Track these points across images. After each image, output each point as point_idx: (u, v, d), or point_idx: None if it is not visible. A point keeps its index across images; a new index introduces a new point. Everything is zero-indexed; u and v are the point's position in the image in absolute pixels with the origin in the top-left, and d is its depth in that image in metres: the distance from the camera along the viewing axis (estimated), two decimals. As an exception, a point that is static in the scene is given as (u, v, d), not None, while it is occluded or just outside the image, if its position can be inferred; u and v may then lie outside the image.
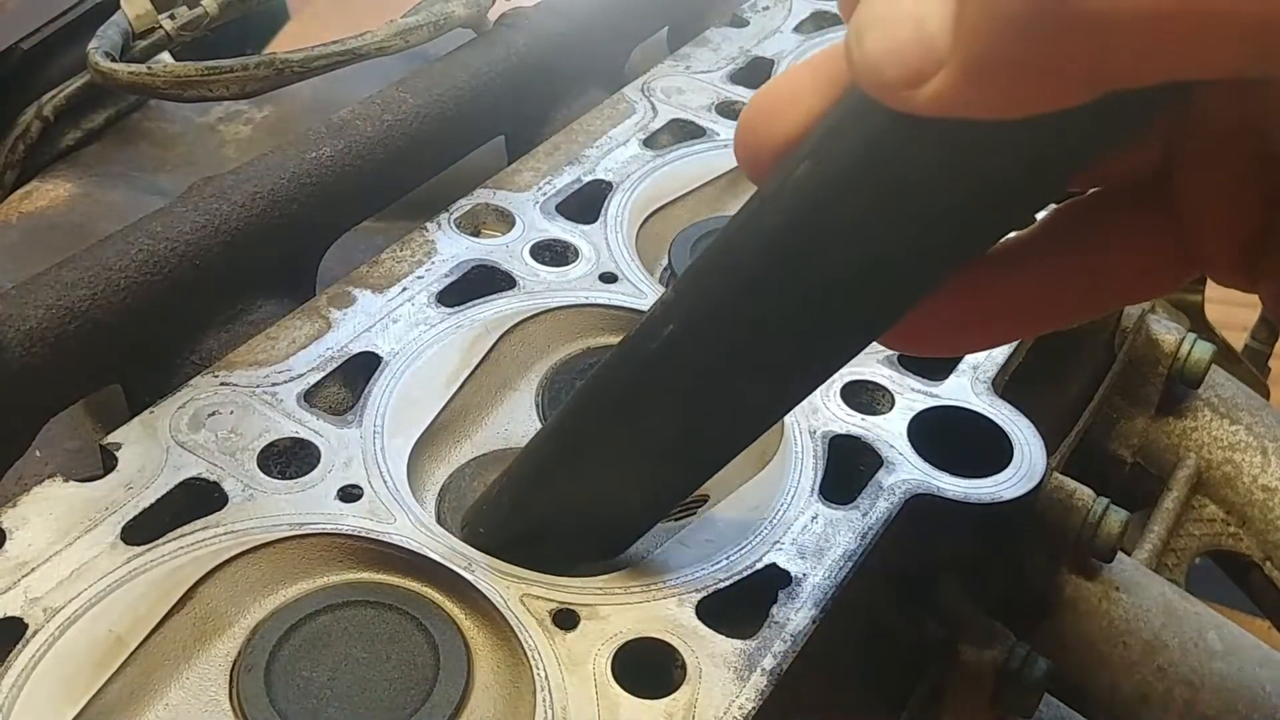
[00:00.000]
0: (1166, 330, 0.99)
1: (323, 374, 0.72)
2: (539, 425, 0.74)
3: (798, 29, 1.12)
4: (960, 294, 0.44)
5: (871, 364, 0.76)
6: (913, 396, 0.73)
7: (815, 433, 0.71)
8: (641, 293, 0.80)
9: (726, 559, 0.63)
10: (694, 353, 0.50)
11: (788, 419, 0.71)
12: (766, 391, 0.51)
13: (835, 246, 0.42)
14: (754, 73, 1.05)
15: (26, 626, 0.57)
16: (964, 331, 0.46)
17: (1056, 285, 0.45)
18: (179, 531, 0.62)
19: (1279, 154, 0.35)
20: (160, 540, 0.61)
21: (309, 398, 0.71)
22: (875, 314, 0.45)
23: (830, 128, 0.40)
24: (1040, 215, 0.45)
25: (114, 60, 0.90)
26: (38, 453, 0.75)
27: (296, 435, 0.68)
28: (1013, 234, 0.45)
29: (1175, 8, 0.27)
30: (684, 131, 0.97)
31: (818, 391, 0.73)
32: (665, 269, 0.87)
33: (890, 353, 0.77)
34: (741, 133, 0.44)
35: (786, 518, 0.66)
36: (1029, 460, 0.70)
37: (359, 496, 0.64)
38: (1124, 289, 0.45)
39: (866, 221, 0.41)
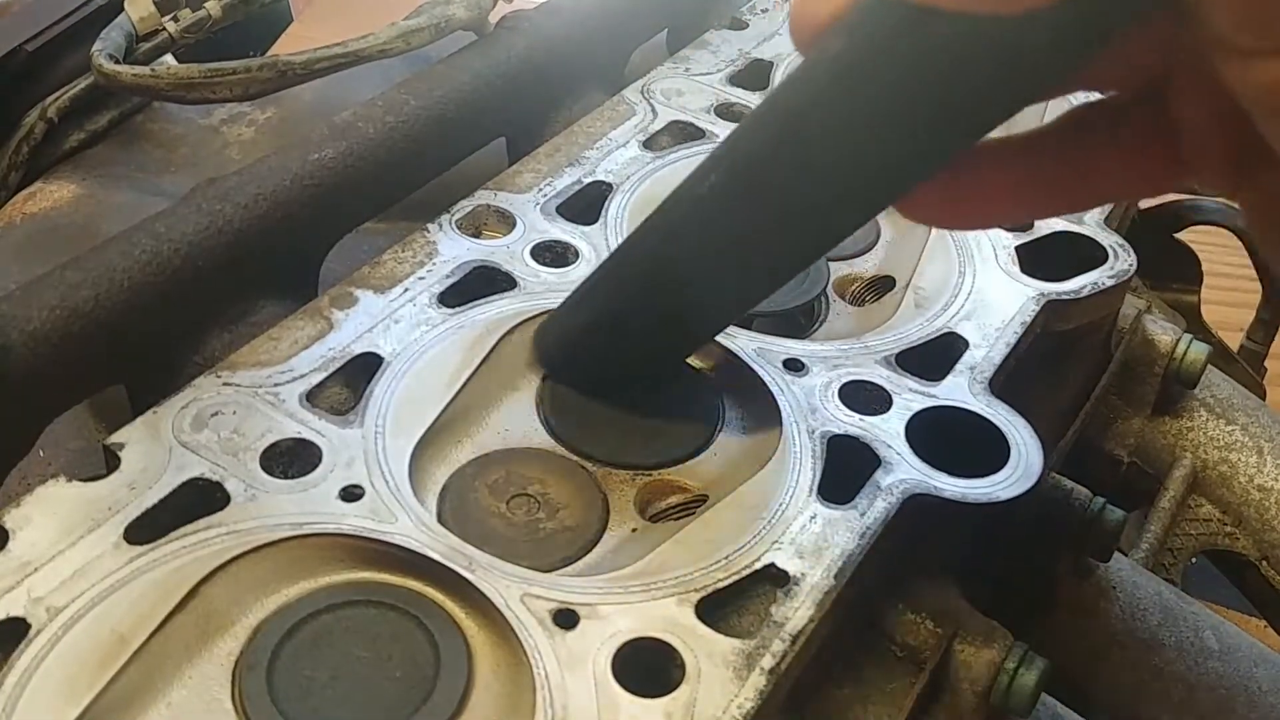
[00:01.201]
0: (1162, 331, 0.99)
1: (325, 374, 0.72)
2: (540, 425, 0.74)
3: (797, 31, 1.13)
4: (971, 171, 0.49)
5: (870, 365, 0.76)
6: (910, 397, 0.74)
7: (814, 433, 0.71)
8: (641, 294, 0.80)
9: (725, 559, 0.63)
10: (734, 200, 0.58)
11: (786, 420, 0.72)
12: (793, 241, 0.59)
13: (859, 117, 0.48)
14: (753, 75, 1.06)
15: (29, 626, 0.57)
16: (969, 206, 0.51)
17: (1057, 176, 0.50)
18: (182, 531, 0.62)
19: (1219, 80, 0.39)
20: (163, 540, 0.62)
21: (311, 398, 0.71)
22: (891, 179, 0.51)
23: (862, 8, 0.45)
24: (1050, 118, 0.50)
25: (118, 62, 0.90)
26: (41, 453, 0.75)
27: (299, 435, 0.68)
28: (1026, 129, 0.50)
29: None
30: (684, 133, 0.98)
31: (816, 392, 0.73)
32: (665, 270, 0.87)
33: (888, 353, 0.78)
34: (794, 8, 0.48)
35: (785, 517, 0.66)
36: (1026, 460, 0.70)
37: (360, 496, 0.65)
38: (1118, 187, 0.51)
39: (885, 97, 0.47)
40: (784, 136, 0.53)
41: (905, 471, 0.69)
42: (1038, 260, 0.86)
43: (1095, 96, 0.49)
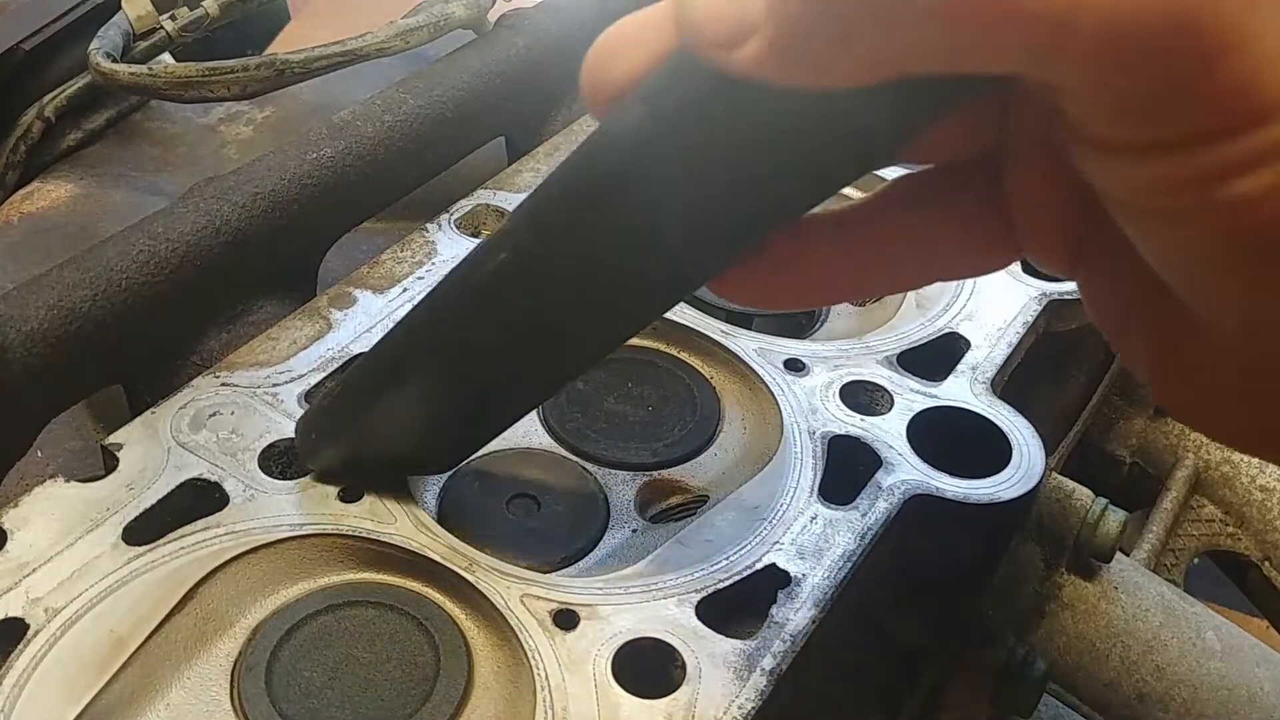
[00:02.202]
0: (1165, 331, 0.99)
1: (324, 374, 0.72)
2: (540, 425, 0.74)
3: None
4: (787, 252, 0.45)
5: (871, 364, 0.76)
6: (911, 397, 0.74)
7: (814, 433, 0.71)
8: (641, 293, 0.80)
9: (726, 559, 0.63)
10: (524, 281, 0.51)
11: (787, 420, 0.72)
12: (593, 326, 0.53)
13: (660, 190, 0.44)
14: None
15: (28, 627, 0.57)
16: (788, 288, 0.47)
17: (883, 254, 0.46)
18: (180, 532, 0.62)
19: (1069, 158, 0.36)
20: (161, 541, 0.61)
21: (310, 398, 0.71)
22: (698, 260, 0.47)
23: (663, 74, 0.42)
24: (881, 186, 0.47)
25: (115, 61, 0.90)
26: (39, 453, 0.75)
27: (297, 436, 0.68)
28: (849, 201, 0.46)
29: (964, 3, 0.29)
30: (684, 132, 0.97)
31: (817, 392, 0.73)
32: (665, 270, 0.87)
33: (890, 353, 0.77)
34: (587, 72, 0.45)
35: (786, 518, 0.66)
36: (1028, 461, 0.70)
37: (360, 497, 0.65)
38: (948, 265, 0.46)
39: (688, 170, 0.42)
40: (579, 215, 0.47)
41: (906, 472, 0.69)
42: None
43: (920, 167, 0.45)
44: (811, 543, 0.65)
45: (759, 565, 0.63)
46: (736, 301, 0.50)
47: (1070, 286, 0.84)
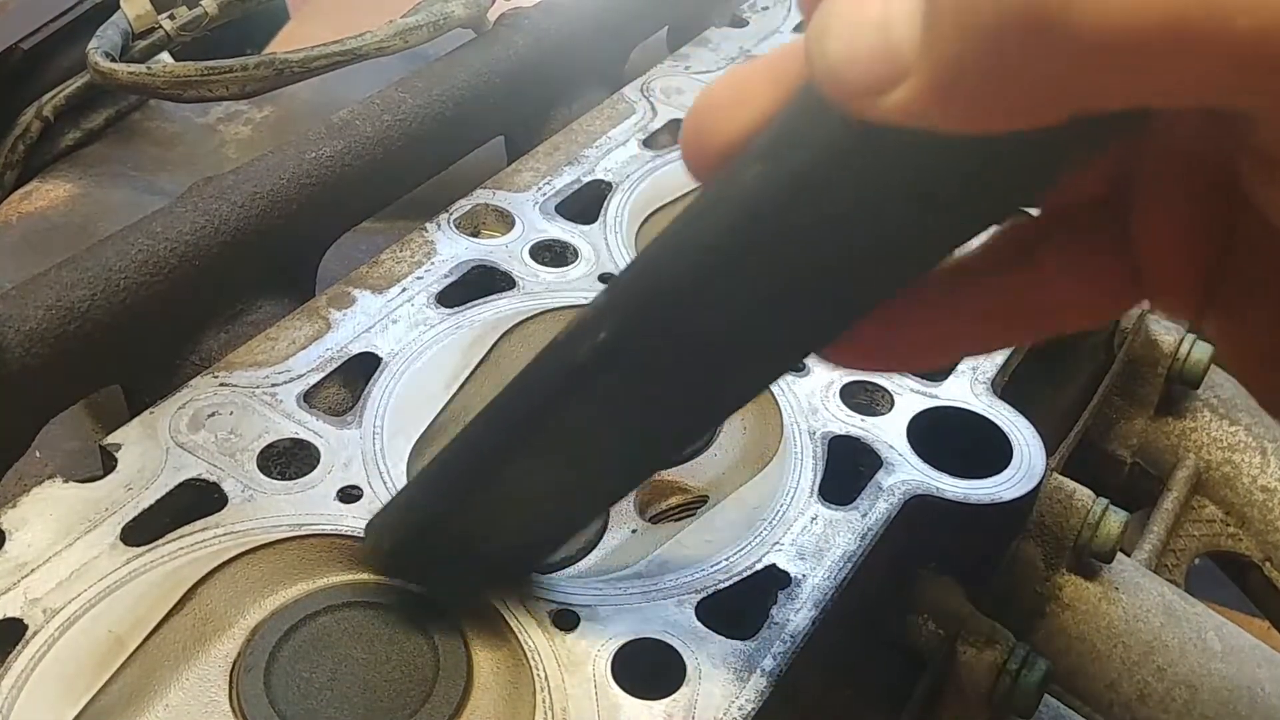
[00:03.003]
0: (1165, 331, 0.99)
1: (322, 375, 0.72)
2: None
3: (798, 29, 1.12)
4: (899, 312, 0.42)
5: (871, 365, 0.76)
6: (912, 397, 0.74)
7: (815, 434, 0.71)
8: (641, 293, 0.80)
9: (726, 560, 0.63)
10: (627, 359, 0.47)
11: (787, 420, 0.71)
12: (701, 400, 0.49)
13: (784, 255, 0.40)
14: (754, 73, 1.05)
15: (26, 627, 0.57)
16: (899, 350, 0.44)
17: (997, 309, 0.43)
18: (179, 532, 0.62)
19: (1245, 190, 0.33)
20: (160, 541, 0.61)
21: (309, 398, 0.71)
22: (819, 326, 0.43)
23: (783, 131, 0.39)
24: (991, 235, 0.43)
25: (114, 60, 0.90)
26: (38, 453, 0.75)
27: (296, 436, 0.68)
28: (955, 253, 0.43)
29: (1160, 29, 0.26)
30: (684, 132, 0.97)
31: (816, 393, 0.73)
32: (665, 269, 0.86)
33: (890, 353, 0.77)
34: (688, 131, 0.42)
35: (786, 519, 0.66)
36: (1028, 461, 0.70)
37: (359, 497, 0.65)
38: (1066, 315, 0.42)
39: (819, 230, 0.39)
40: (689, 286, 0.43)
41: (907, 472, 0.69)
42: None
43: (1033, 212, 0.42)
44: (811, 543, 0.64)
45: (759, 566, 0.63)
46: (849, 366, 0.48)
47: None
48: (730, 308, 0.43)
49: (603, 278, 0.81)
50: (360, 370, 0.73)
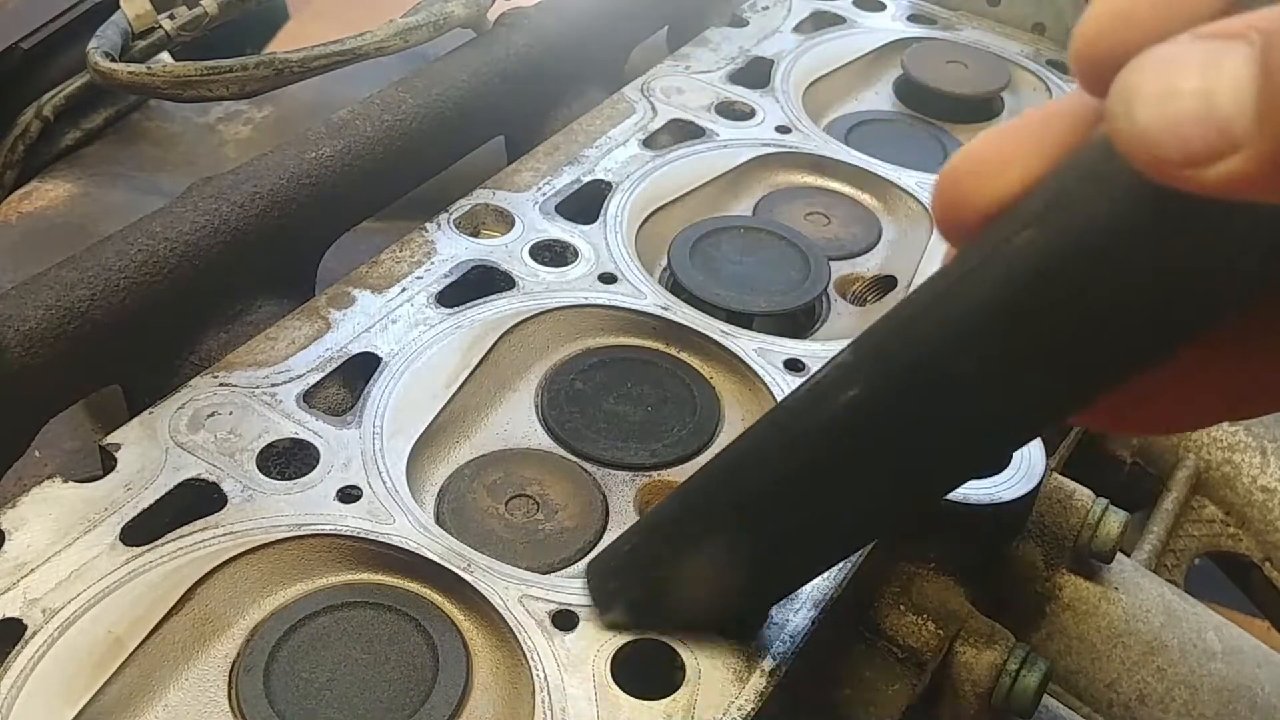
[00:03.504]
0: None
1: (322, 374, 0.72)
2: (539, 426, 0.74)
3: (797, 29, 1.12)
4: (1176, 372, 0.40)
5: (871, 365, 0.76)
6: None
7: (814, 433, 0.71)
8: (641, 293, 0.80)
9: (726, 560, 0.63)
10: (879, 417, 0.47)
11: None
12: (954, 459, 0.48)
13: (1056, 320, 0.39)
14: (753, 73, 1.06)
15: (26, 627, 0.57)
16: (1172, 411, 0.43)
17: (1246, 382, 0.41)
18: (178, 532, 0.62)
19: None
20: (159, 541, 0.61)
21: (308, 398, 0.71)
22: (1086, 389, 0.42)
23: (1060, 194, 0.38)
24: None
25: (114, 60, 0.90)
26: (37, 453, 0.75)
27: (296, 436, 0.68)
28: None
29: None
30: (683, 132, 0.97)
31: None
32: (665, 269, 0.87)
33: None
34: (943, 192, 0.41)
35: (786, 519, 0.66)
36: (1028, 461, 0.70)
37: (358, 497, 0.64)
38: None
39: (1100, 295, 0.38)
40: (951, 348, 0.43)
41: (907, 472, 0.68)
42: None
43: None
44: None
45: (759, 566, 0.63)
46: (1106, 429, 0.45)
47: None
48: (988, 371, 0.42)
49: (603, 277, 0.81)
50: (360, 370, 0.73)
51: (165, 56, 1.02)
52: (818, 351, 0.77)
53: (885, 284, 0.89)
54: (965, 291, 0.41)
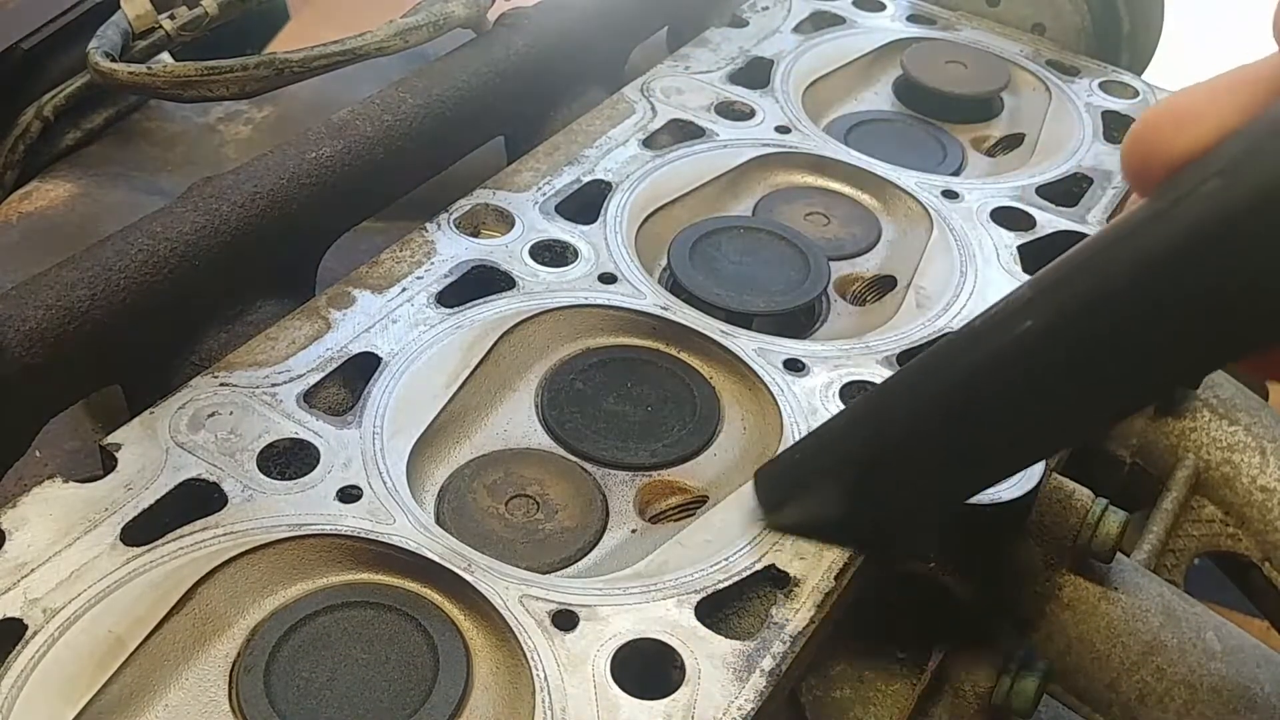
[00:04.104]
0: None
1: (322, 374, 0.72)
2: (539, 426, 0.74)
3: (797, 29, 1.12)
4: None
5: (871, 364, 0.76)
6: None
7: (814, 433, 0.71)
8: (640, 293, 0.80)
9: (726, 560, 0.63)
10: (1050, 351, 0.50)
11: (787, 420, 0.71)
12: (1109, 393, 0.51)
13: (1235, 265, 0.41)
14: (753, 73, 1.06)
15: (26, 627, 0.57)
16: None
17: None
18: (179, 532, 0.62)
19: None
20: (160, 541, 0.61)
21: (308, 398, 0.71)
22: (1254, 335, 0.44)
23: (1249, 148, 0.40)
24: None
25: (114, 60, 0.90)
26: (37, 453, 0.75)
27: (296, 436, 0.68)
28: None
29: None
30: (683, 132, 0.97)
31: (816, 393, 0.73)
32: (664, 269, 0.87)
33: (889, 353, 0.77)
34: (1137, 139, 0.43)
35: (786, 518, 0.66)
36: (1028, 461, 0.70)
37: (358, 497, 0.65)
38: None
39: (1272, 245, 0.40)
40: (1126, 287, 0.45)
41: (907, 472, 0.69)
42: (1040, 259, 0.86)
43: None
44: (811, 543, 0.64)
45: (759, 566, 0.63)
46: (1263, 377, 0.47)
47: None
48: (1163, 309, 0.45)
49: (603, 277, 0.81)
50: (360, 370, 0.73)
51: (165, 56, 1.02)
52: (818, 352, 0.77)
53: (885, 284, 0.89)
54: (1149, 233, 0.44)
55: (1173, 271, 0.43)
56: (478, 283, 0.80)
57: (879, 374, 0.75)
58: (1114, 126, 1.03)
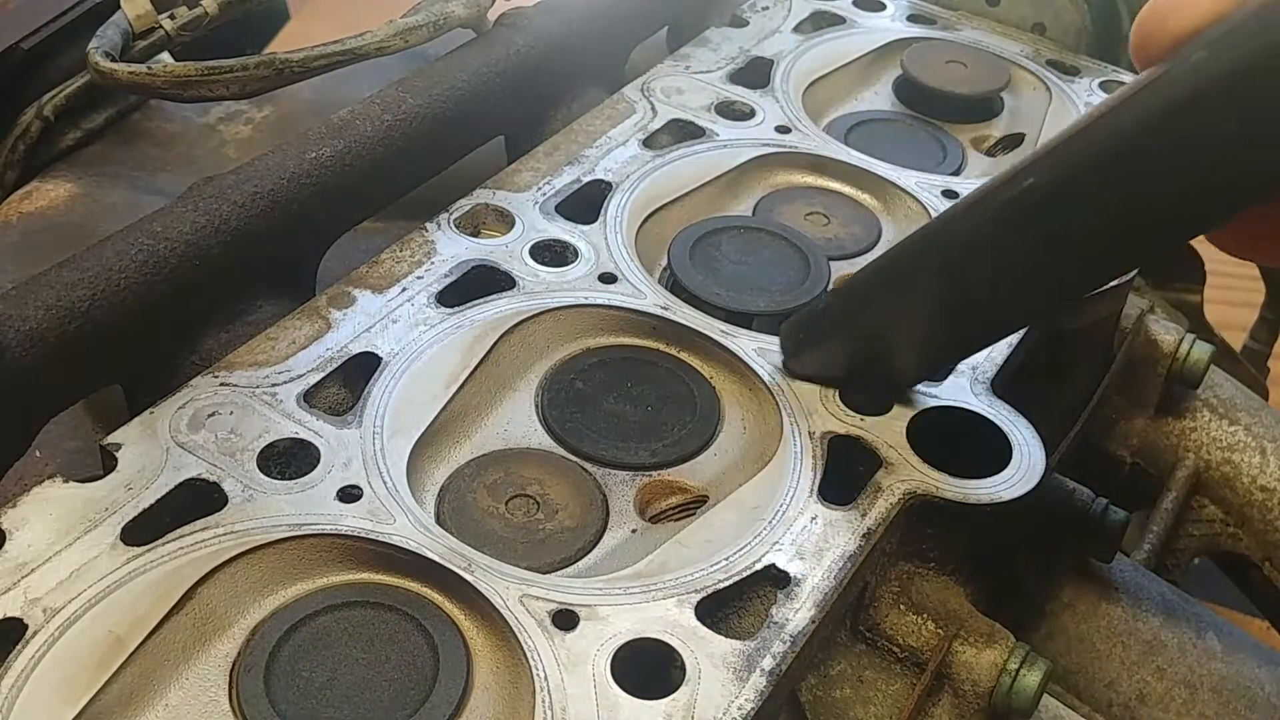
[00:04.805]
0: (1165, 331, 0.99)
1: (322, 374, 0.72)
2: (539, 426, 0.74)
3: (797, 29, 1.12)
4: None
5: (871, 364, 0.76)
6: (912, 397, 0.73)
7: (814, 433, 0.71)
8: (641, 293, 0.80)
9: (726, 560, 0.63)
10: (1048, 206, 0.56)
11: (786, 420, 0.71)
12: (1099, 253, 0.57)
13: (1211, 132, 0.47)
14: (753, 73, 1.06)
15: (26, 627, 0.57)
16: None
17: None
18: (179, 532, 0.62)
19: None
20: (160, 541, 0.61)
21: (309, 398, 0.71)
22: (1227, 205, 0.50)
23: (1233, 27, 0.45)
24: None
25: (114, 60, 0.90)
26: (38, 453, 0.75)
27: (296, 436, 0.68)
28: None
29: None
30: (683, 132, 0.97)
31: (817, 392, 0.73)
32: (665, 269, 0.87)
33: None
34: (1142, 23, 0.48)
35: (786, 518, 0.66)
36: (1028, 461, 0.70)
37: (359, 497, 0.65)
38: None
39: (1251, 115, 0.45)
40: (1118, 149, 0.51)
41: (906, 472, 0.69)
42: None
43: None
44: (811, 543, 0.65)
45: (759, 565, 0.63)
46: (1233, 254, 0.53)
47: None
48: (1149, 171, 0.51)
49: (603, 277, 0.81)
50: (360, 370, 0.73)
51: (165, 56, 1.02)
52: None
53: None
54: (1145, 97, 0.50)
55: (1163, 130, 0.49)
56: (478, 282, 0.80)
57: (879, 374, 0.75)
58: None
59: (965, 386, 0.75)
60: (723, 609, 0.63)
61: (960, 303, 0.65)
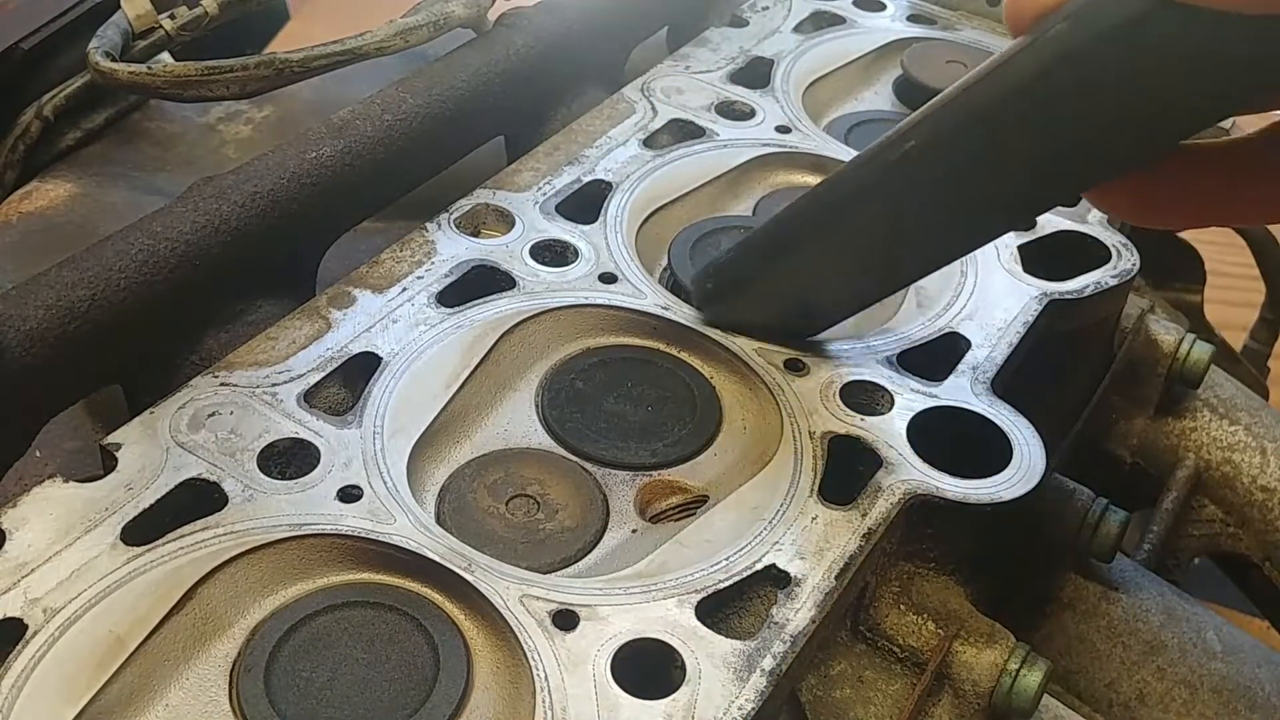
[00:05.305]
0: (1165, 330, 0.99)
1: (323, 374, 0.72)
2: (539, 425, 0.74)
3: (797, 29, 1.12)
4: (1174, 171, 0.50)
5: (871, 364, 0.76)
6: (912, 397, 0.74)
7: (815, 433, 0.71)
8: (641, 293, 0.80)
9: (726, 560, 0.63)
10: (926, 167, 0.60)
11: (787, 420, 0.71)
12: (977, 213, 0.62)
13: (1070, 101, 0.51)
14: (753, 73, 1.06)
15: (26, 627, 0.57)
16: (1171, 206, 0.53)
17: (1257, 188, 0.50)
18: (179, 532, 0.62)
19: None
20: (160, 541, 0.61)
21: (309, 398, 0.71)
22: (1090, 168, 0.54)
23: (1091, 1, 0.48)
24: (1269, 122, 0.51)
25: (114, 60, 0.90)
26: (38, 453, 0.75)
27: (296, 436, 0.68)
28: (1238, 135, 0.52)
29: None
30: (683, 132, 0.97)
31: (816, 393, 0.73)
32: (665, 269, 0.87)
33: (890, 353, 0.77)
34: None
35: (786, 518, 0.66)
36: (1028, 461, 0.70)
37: (359, 497, 0.65)
38: None
39: (1105, 85, 0.49)
40: (992, 111, 0.55)
41: (907, 472, 0.69)
42: (1040, 259, 0.86)
43: None
44: (812, 543, 0.64)
45: (759, 565, 0.63)
46: (1116, 213, 0.58)
47: (1071, 286, 0.83)
48: (1016, 137, 0.55)
49: (603, 277, 0.81)
50: (360, 370, 0.73)
51: (165, 56, 1.02)
52: (818, 351, 0.77)
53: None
54: (1012, 65, 0.53)
55: (1028, 95, 0.53)
56: (478, 282, 0.80)
57: (880, 374, 0.75)
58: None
59: (965, 386, 0.75)
60: (723, 609, 0.63)
61: (853, 258, 0.70)
